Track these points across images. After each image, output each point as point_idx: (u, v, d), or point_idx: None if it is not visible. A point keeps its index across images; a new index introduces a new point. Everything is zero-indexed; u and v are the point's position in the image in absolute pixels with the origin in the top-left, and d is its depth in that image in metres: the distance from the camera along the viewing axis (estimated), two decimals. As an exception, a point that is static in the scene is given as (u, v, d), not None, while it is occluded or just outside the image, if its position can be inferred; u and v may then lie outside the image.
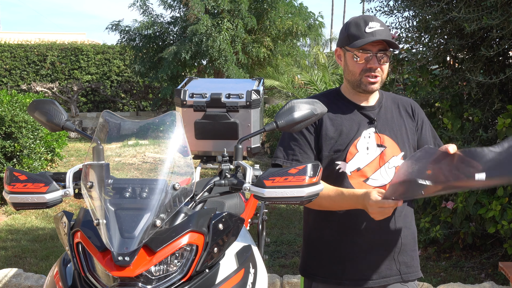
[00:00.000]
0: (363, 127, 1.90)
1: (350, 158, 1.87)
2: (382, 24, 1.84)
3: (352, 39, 1.83)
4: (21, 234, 5.32)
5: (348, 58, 1.87)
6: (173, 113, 1.70)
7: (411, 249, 1.96)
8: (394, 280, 1.92)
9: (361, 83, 1.86)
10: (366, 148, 1.88)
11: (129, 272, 1.39)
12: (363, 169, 1.87)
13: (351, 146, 1.87)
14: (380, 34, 1.80)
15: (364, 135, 1.89)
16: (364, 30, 1.81)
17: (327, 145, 1.89)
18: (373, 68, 1.83)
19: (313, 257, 1.99)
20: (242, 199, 2.67)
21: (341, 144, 1.88)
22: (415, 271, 1.97)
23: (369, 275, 1.89)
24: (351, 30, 1.84)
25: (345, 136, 1.89)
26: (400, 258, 1.92)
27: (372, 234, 1.87)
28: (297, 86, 12.63)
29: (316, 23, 12.75)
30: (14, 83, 16.53)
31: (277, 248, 4.83)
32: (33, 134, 6.07)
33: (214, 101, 2.56)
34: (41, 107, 1.84)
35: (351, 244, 1.89)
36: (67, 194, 1.59)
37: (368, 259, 1.89)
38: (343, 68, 1.94)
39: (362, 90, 1.88)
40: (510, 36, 3.45)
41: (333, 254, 1.92)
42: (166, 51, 11.51)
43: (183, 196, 1.53)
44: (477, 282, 3.81)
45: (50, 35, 19.62)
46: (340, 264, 1.91)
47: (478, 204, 3.93)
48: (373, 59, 1.82)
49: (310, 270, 1.99)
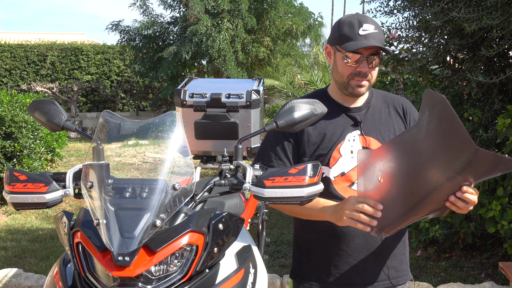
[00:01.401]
0: (347, 130, 1.85)
1: (333, 163, 1.83)
2: (377, 26, 1.77)
3: (344, 39, 1.76)
4: (21, 234, 5.32)
5: (338, 58, 1.81)
6: (173, 113, 1.69)
7: (401, 253, 1.91)
8: (383, 285, 1.88)
9: (348, 86, 1.81)
10: (350, 151, 1.83)
11: (129, 272, 1.39)
12: (347, 173, 1.82)
13: (334, 150, 1.83)
14: (374, 37, 1.74)
15: (348, 138, 1.84)
16: (357, 32, 1.74)
17: (309, 150, 1.85)
18: (362, 72, 1.78)
19: (300, 260, 1.96)
20: (242, 199, 2.67)
21: (323, 149, 1.84)
22: (404, 274, 1.93)
23: (355, 280, 1.86)
24: (344, 29, 1.77)
25: (327, 141, 1.84)
26: (389, 262, 1.88)
27: (358, 239, 1.83)
28: (297, 86, 12.62)
29: (316, 23, 12.75)
30: (14, 83, 16.53)
31: (277, 248, 4.83)
32: (33, 134, 6.07)
33: (214, 101, 2.56)
34: (41, 107, 1.84)
35: (336, 248, 1.86)
36: (67, 194, 1.59)
37: (354, 264, 1.85)
38: (331, 67, 1.87)
39: (348, 93, 1.83)
40: (510, 36, 3.45)
41: (319, 257, 1.89)
42: (166, 51, 11.51)
43: (183, 196, 1.53)
44: (477, 282, 3.81)
45: (50, 35, 19.62)
46: (325, 268, 1.88)
47: (478, 204, 3.93)
48: (363, 63, 1.76)
49: (298, 273, 1.97)
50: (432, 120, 1.47)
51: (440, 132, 1.46)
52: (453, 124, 1.41)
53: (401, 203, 1.59)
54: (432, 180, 1.52)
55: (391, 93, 2.07)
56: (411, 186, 1.57)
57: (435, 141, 1.49)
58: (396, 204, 1.60)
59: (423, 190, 1.55)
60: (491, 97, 3.95)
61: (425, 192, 1.54)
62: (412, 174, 1.56)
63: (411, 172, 1.56)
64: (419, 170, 1.54)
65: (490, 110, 3.93)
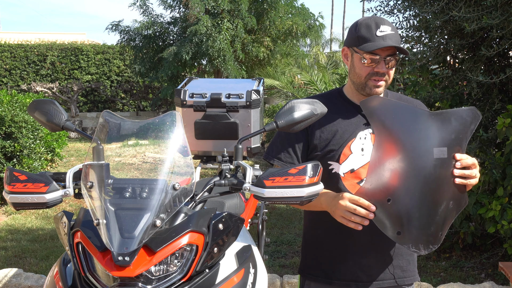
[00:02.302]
0: (359, 128, 1.88)
1: (343, 159, 1.85)
2: (393, 28, 1.81)
3: (362, 41, 1.80)
4: (21, 234, 5.32)
5: (356, 59, 1.84)
6: (173, 113, 1.69)
7: (408, 253, 1.91)
8: (388, 284, 1.89)
9: (366, 86, 1.84)
10: (361, 149, 1.85)
11: (129, 272, 1.39)
12: (357, 170, 1.84)
13: (345, 147, 1.86)
14: (391, 38, 1.78)
15: (359, 136, 1.87)
16: (375, 33, 1.78)
17: (320, 145, 1.88)
18: (380, 72, 1.81)
19: (308, 256, 1.99)
20: (242, 199, 2.67)
21: (334, 145, 1.87)
22: (411, 275, 1.93)
23: (360, 277, 1.87)
24: (361, 31, 1.81)
25: (339, 137, 1.87)
26: (395, 261, 1.89)
27: (364, 236, 1.83)
28: (297, 86, 12.63)
29: (316, 23, 12.75)
30: (14, 83, 16.54)
31: (277, 248, 4.83)
32: (33, 134, 6.07)
33: (214, 101, 2.56)
34: (41, 107, 1.84)
35: (341, 245, 1.88)
36: (67, 194, 1.59)
37: (359, 261, 1.87)
38: (348, 68, 1.91)
39: (366, 94, 1.86)
40: (510, 36, 3.45)
41: (325, 254, 1.92)
42: (166, 51, 11.51)
43: (183, 196, 1.53)
44: (477, 282, 3.81)
45: (50, 35, 19.63)
46: (330, 265, 1.90)
47: (478, 204, 3.93)
48: (381, 63, 1.80)
49: (305, 269, 2.00)
50: (387, 121, 1.67)
51: (402, 123, 1.65)
52: (401, 109, 1.58)
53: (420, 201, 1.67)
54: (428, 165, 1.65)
55: (406, 95, 2.10)
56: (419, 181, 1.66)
57: (406, 130, 1.66)
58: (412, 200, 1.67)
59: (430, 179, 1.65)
60: (491, 97, 3.95)
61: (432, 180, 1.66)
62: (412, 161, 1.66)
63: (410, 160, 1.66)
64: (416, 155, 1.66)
65: (490, 110, 3.93)
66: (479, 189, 3.96)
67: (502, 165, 3.78)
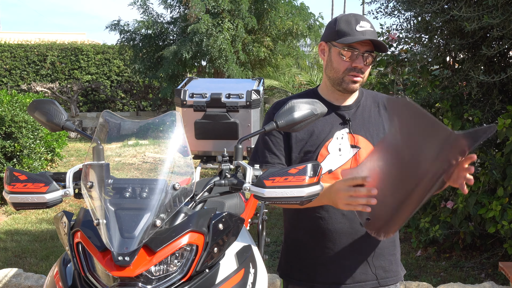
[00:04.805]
0: (336, 127, 1.86)
1: (321, 160, 1.83)
2: (372, 25, 1.81)
3: (341, 34, 1.78)
4: (21, 234, 5.32)
5: (334, 54, 1.82)
6: (173, 113, 1.69)
7: (390, 253, 1.90)
8: (370, 285, 1.87)
9: (343, 82, 1.82)
10: (338, 149, 1.84)
11: (129, 272, 1.39)
12: (335, 171, 1.83)
13: (322, 147, 1.84)
14: (370, 34, 1.77)
15: (336, 136, 1.85)
16: (355, 28, 1.77)
17: (297, 147, 1.86)
18: (357, 67, 1.79)
19: (289, 259, 1.98)
20: (242, 199, 2.67)
21: (311, 146, 1.85)
22: (394, 275, 1.92)
23: (342, 279, 1.85)
24: (341, 25, 1.79)
25: (315, 138, 1.85)
26: (376, 262, 1.87)
27: (345, 238, 1.83)
28: (297, 86, 12.62)
29: (316, 23, 12.75)
30: (14, 83, 16.54)
31: (277, 248, 4.83)
32: (33, 134, 6.07)
33: (214, 101, 2.56)
34: (41, 107, 1.84)
35: (322, 247, 1.86)
36: (67, 194, 1.59)
37: (340, 263, 1.85)
38: (324, 64, 1.88)
39: (342, 89, 1.84)
40: (510, 35, 3.45)
41: (306, 256, 1.90)
42: (166, 50, 11.51)
43: (183, 196, 1.53)
44: (477, 282, 3.81)
45: (50, 35, 19.62)
46: (312, 267, 1.88)
47: (478, 204, 3.93)
48: (359, 59, 1.78)
49: (287, 273, 1.98)
50: (404, 124, 1.55)
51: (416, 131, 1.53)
52: (425, 119, 1.49)
53: (392, 197, 1.60)
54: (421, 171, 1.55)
55: (381, 93, 2.09)
56: (400, 180, 1.59)
57: (414, 140, 1.55)
58: (387, 200, 1.61)
59: (413, 182, 1.56)
60: (491, 98, 3.95)
61: (415, 183, 1.56)
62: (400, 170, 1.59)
63: (399, 168, 1.59)
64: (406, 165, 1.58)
65: (490, 110, 3.93)
66: (480, 190, 3.96)
67: (502, 166, 3.78)
